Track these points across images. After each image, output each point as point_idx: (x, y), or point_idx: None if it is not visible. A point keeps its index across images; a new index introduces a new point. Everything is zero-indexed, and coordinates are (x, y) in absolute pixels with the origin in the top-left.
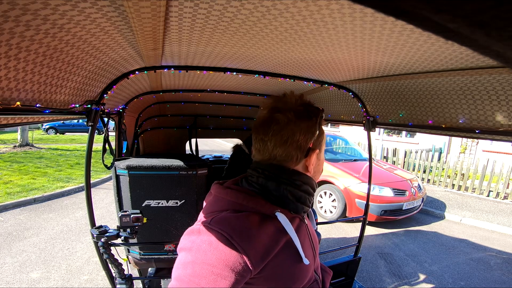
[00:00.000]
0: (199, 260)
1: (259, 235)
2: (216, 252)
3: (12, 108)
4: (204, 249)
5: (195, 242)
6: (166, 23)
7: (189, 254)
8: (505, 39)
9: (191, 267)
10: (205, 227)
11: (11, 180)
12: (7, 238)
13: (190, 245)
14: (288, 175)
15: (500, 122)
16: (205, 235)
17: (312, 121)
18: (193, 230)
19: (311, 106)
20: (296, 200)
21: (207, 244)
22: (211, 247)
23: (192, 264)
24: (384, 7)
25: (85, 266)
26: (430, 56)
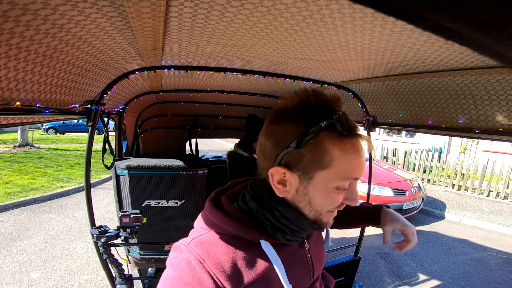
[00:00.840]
0: (177, 276)
1: (236, 261)
2: (192, 272)
3: (12, 108)
4: (183, 267)
5: (177, 259)
6: (166, 23)
7: (171, 270)
8: (505, 39)
9: (170, 282)
10: (185, 246)
11: (11, 180)
12: (7, 238)
13: (173, 261)
14: (270, 198)
15: (500, 122)
16: (185, 254)
17: (291, 127)
18: (176, 247)
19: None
20: (277, 230)
21: (186, 263)
22: (188, 266)
23: (171, 279)
24: (384, 7)
25: (85, 266)
26: (430, 56)
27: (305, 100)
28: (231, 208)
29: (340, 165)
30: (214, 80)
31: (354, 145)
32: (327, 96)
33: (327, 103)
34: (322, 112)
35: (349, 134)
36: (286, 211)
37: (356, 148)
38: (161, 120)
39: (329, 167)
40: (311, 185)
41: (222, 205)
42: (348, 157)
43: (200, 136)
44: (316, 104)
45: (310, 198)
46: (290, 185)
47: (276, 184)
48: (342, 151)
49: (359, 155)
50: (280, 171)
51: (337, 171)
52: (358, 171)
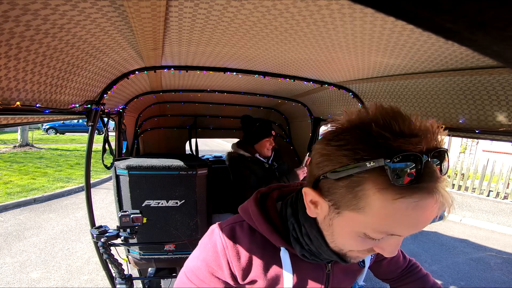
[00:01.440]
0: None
1: (253, 257)
2: (215, 255)
3: (12, 108)
4: (208, 249)
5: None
6: (166, 23)
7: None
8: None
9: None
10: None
11: (11, 180)
12: (7, 238)
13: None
14: (303, 212)
15: (500, 122)
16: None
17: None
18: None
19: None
20: (297, 243)
21: (211, 246)
22: (213, 249)
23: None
24: (384, 7)
25: (85, 266)
26: (430, 56)
27: (365, 124)
28: (271, 207)
29: (375, 216)
30: (214, 80)
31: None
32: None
33: (395, 136)
34: (377, 148)
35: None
36: (311, 231)
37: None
38: (161, 120)
39: (361, 213)
40: (336, 220)
41: (267, 200)
42: (388, 212)
43: (200, 136)
44: (376, 134)
45: (333, 231)
46: (321, 209)
47: (308, 203)
48: (385, 202)
49: (412, 216)
50: (313, 194)
51: (369, 221)
52: (401, 229)
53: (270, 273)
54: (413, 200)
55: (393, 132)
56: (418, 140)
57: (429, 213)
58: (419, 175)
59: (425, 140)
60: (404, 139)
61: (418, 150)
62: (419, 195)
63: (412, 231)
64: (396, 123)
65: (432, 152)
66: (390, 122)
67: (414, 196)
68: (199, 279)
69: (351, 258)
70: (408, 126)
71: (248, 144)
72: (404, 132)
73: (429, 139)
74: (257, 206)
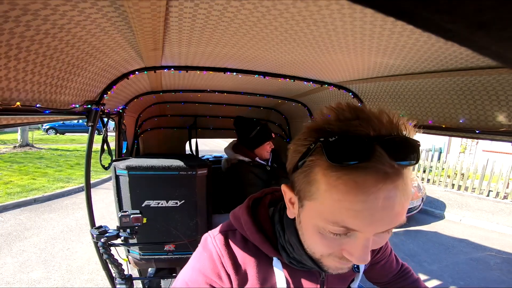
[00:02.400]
0: (197, 267)
1: (247, 267)
2: (212, 265)
3: (12, 108)
4: (204, 260)
5: (201, 252)
6: (166, 23)
7: (193, 260)
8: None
9: (191, 272)
10: (211, 239)
11: (11, 181)
12: (7, 238)
13: (198, 252)
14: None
15: (500, 123)
16: (209, 247)
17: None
18: (205, 239)
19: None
20: (283, 250)
21: (208, 255)
22: (210, 259)
23: (192, 269)
24: (384, 7)
25: (85, 266)
26: (430, 57)
27: (324, 119)
28: (263, 215)
29: (324, 202)
30: (214, 80)
31: (351, 182)
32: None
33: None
34: (321, 131)
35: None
36: (291, 238)
37: (354, 188)
38: (161, 120)
39: (313, 199)
40: (302, 215)
41: (259, 206)
42: (334, 196)
43: (200, 136)
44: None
45: (302, 227)
46: (295, 207)
47: (288, 203)
48: (327, 185)
49: (356, 200)
50: (287, 190)
51: (321, 209)
52: (352, 219)
53: (264, 283)
54: (352, 178)
55: (338, 118)
56: (361, 123)
57: (372, 198)
58: (359, 155)
59: (372, 125)
60: (346, 122)
61: (363, 133)
62: (358, 173)
63: (367, 223)
64: (346, 111)
65: (384, 138)
66: (340, 111)
67: (353, 175)
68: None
69: (328, 267)
70: (357, 113)
71: (247, 148)
72: (349, 118)
73: (380, 126)
74: (249, 215)
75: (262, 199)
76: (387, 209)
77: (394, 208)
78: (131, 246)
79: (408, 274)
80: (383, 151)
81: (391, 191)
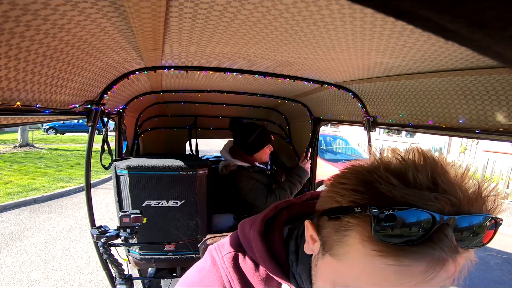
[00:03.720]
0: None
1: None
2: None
3: (12, 108)
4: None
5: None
6: (166, 23)
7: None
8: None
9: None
10: (220, 260)
11: (11, 180)
12: (7, 238)
13: (203, 268)
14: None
15: (500, 122)
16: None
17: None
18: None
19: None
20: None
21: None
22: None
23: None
24: (384, 7)
25: (85, 266)
26: (430, 57)
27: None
28: (277, 240)
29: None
30: (214, 80)
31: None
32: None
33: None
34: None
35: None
36: (302, 273)
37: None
38: (161, 120)
39: (339, 260)
40: (320, 262)
41: (273, 232)
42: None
43: (200, 136)
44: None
45: (316, 273)
46: (315, 246)
47: (308, 238)
48: (363, 256)
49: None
50: (311, 228)
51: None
52: None
53: None
54: (396, 263)
55: (405, 180)
56: (438, 198)
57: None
58: (418, 237)
59: (452, 200)
60: (414, 190)
61: (435, 210)
62: (406, 259)
63: None
64: (416, 172)
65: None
66: (407, 168)
67: (397, 259)
68: None
69: None
70: (434, 178)
71: (246, 153)
72: (421, 184)
73: (461, 200)
74: (263, 243)
75: (276, 217)
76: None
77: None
78: (131, 246)
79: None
80: (452, 233)
81: (440, 283)
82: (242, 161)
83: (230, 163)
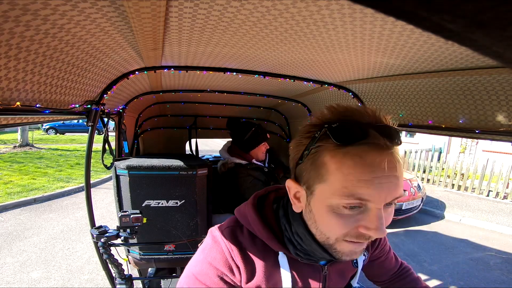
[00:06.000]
0: (208, 260)
1: (255, 261)
2: (223, 259)
3: (12, 108)
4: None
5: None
6: (166, 23)
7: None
8: (505, 39)
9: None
10: (219, 235)
11: (12, 180)
12: (7, 238)
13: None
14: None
15: (500, 122)
16: (218, 242)
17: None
18: (212, 235)
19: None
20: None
21: (217, 250)
22: (220, 254)
23: (201, 262)
24: (384, 7)
25: (85, 265)
26: (430, 57)
27: (322, 115)
28: (269, 211)
29: (336, 179)
30: (214, 80)
31: (357, 156)
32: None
33: (339, 115)
34: (323, 122)
35: (351, 144)
36: (299, 228)
37: (360, 161)
38: (161, 120)
39: (324, 181)
40: (313, 202)
41: (265, 204)
42: (345, 170)
43: (200, 136)
44: (329, 118)
45: (314, 215)
46: (302, 199)
47: (292, 198)
48: (336, 163)
49: (364, 171)
50: (293, 184)
51: (334, 186)
52: (364, 189)
53: (270, 277)
54: (357, 153)
55: (335, 113)
56: (354, 114)
57: (377, 167)
58: (359, 135)
59: (363, 116)
60: (342, 114)
61: (358, 120)
62: (361, 149)
63: (377, 191)
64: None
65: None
66: (333, 108)
67: (357, 150)
68: (206, 283)
69: (342, 253)
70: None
71: (243, 150)
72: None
73: (368, 116)
74: (256, 212)
75: (266, 196)
76: (391, 177)
77: (396, 176)
78: (131, 246)
79: (408, 273)
80: (376, 133)
81: (391, 161)
82: (239, 158)
83: (228, 161)
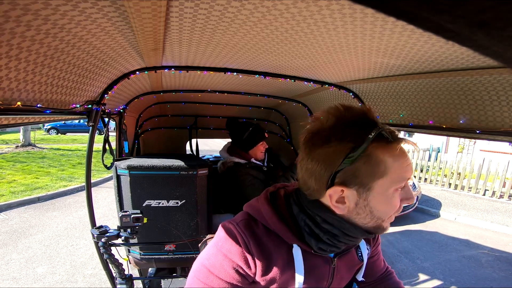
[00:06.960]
0: (223, 252)
1: (271, 254)
2: (239, 250)
3: (13, 108)
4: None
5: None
6: (166, 23)
7: (215, 247)
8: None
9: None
10: (234, 226)
11: (15, 180)
12: (13, 235)
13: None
14: (310, 204)
15: (500, 122)
16: (234, 232)
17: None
18: (225, 227)
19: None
20: (312, 237)
21: (233, 240)
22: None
23: (215, 255)
24: (385, 7)
25: (89, 261)
26: (431, 57)
27: (341, 118)
28: (282, 206)
29: (395, 170)
30: (215, 81)
31: (401, 149)
32: (360, 109)
33: (364, 115)
34: (364, 125)
35: (395, 140)
36: (328, 216)
37: (403, 151)
38: (161, 120)
39: (385, 175)
40: (371, 196)
41: (277, 199)
42: (399, 162)
43: (200, 136)
44: (353, 119)
45: (371, 207)
46: (348, 201)
47: (335, 204)
48: (393, 157)
49: (407, 157)
50: (338, 190)
51: (393, 176)
52: (409, 172)
53: (285, 270)
54: (401, 148)
55: (361, 112)
56: (373, 112)
57: (407, 156)
58: (392, 132)
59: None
60: (369, 113)
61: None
62: (401, 143)
63: (410, 171)
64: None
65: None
66: (352, 108)
67: (398, 146)
68: (220, 276)
69: (386, 227)
70: (359, 107)
71: (242, 150)
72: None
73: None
74: (270, 206)
75: (277, 192)
76: (410, 163)
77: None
78: (131, 246)
79: (392, 275)
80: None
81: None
82: (239, 158)
83: (227, 160)
